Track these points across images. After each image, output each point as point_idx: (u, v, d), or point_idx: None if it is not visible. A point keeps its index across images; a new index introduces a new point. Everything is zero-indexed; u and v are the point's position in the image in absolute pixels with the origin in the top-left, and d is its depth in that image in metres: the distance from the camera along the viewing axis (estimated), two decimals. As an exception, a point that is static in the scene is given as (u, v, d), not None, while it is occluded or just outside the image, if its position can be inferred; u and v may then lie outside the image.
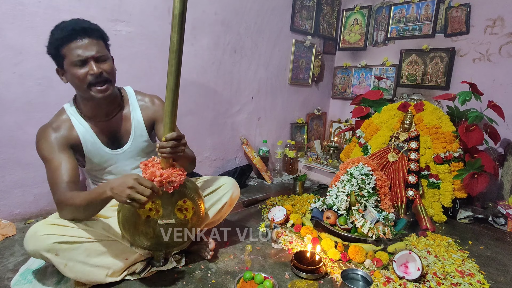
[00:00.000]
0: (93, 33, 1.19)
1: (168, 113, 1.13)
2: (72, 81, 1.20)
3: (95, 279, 1.19)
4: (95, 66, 1.17)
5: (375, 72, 3.10)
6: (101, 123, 1.32)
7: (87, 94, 1.21)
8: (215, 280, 1.33)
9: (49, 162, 1.19)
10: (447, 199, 2.09)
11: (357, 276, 1.35)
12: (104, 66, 1.20)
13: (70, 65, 1.16)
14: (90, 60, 1.16)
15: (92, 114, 1.30)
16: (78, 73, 1.16)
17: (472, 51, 2.49)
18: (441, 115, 2.23)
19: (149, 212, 1.21)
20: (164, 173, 1.13)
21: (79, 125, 1.29)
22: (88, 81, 1.18)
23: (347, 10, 3.28)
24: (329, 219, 1.74)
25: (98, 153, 1.32)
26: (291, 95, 3.08)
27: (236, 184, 1.50)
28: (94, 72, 1.17)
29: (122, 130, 1.36)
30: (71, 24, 1.16)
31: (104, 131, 1.33)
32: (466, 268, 1.54)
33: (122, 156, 1.37)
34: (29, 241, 1.10)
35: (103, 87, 1.20)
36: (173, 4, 1.04)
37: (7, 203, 1.70)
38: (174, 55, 1.08)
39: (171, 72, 1.10)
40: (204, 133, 2.48)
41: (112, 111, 1.34)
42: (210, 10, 2.29)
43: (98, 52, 1.18)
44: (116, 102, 1.35)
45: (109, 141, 1.34)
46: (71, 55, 1.15)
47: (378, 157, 2.25)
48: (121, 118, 1.36)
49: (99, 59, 1.19)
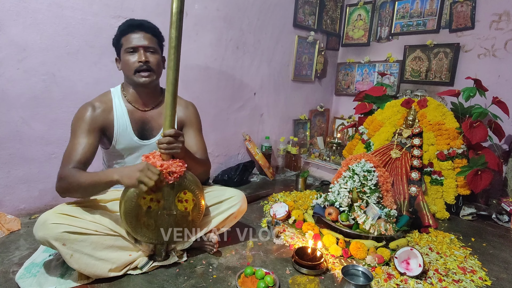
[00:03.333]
0: (149, 30, 1.36)
1: (169, 105, 1.20)
2: (124, 66, 1.36)
3: (98, 272, 1.21)
4: (144, 55, 1.32)
5: (378, 68, 3.08)
6: (138, 112, 1.42)
7: (132, 79, 1.35)
8: (217, 275, 1.34)
9: (74, 137, 1.29)
10: (450, 196, 2.09)
11: (358, 272, 1.35)
12: (151, 58, 1.35)
13: (124, 52, 1.34)
14: (140, 49, 1.33)
15: (133, 100, 1.42)
16: (129, 59, 1.33)
17: (477, 47, 2.46)
18: (444, 111, 2.21)
19: (150, 203, 1.24)
20: (164, 164, 1.19)
21: (119, 107, 1.39)
22: (135, 67, 1.33)
23: (351, 5, 3.25)
24: (331, 216, 1.74)
25: (125, 139, 1.40)
26: (294, 91, 3.08)
27: (245, 198, 1.55)
28: (142, 60, 1.32)
29: (155, 124, 1.45)
30: (133, 21, 1.36)
31: (138, 121, 1.42)
32: (468, 265, 1.53)
33: (147, 148, 1.43)
34: (39, 229, 1.14)
35: (146, 74, 1.34)
36: (171, 2, 1.11)
37: (12, 198, 1.73)
38: (173, 50, 1.16)
39: (170, 66, 1.18)
40: (207, 129, 2.48)
41: (151, 102, 1.45)
42: (212, 7, 2.29)
43: (149, 44, 1.34)
44: (155, 95, 1.46)
45: (140, 130, 1.42)
46: (127, 43, 1.33)
47: (380, 153, 2.24)
48: (157, 112, 1.46)
49: (148, 49, 1.34)
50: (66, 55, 1.75)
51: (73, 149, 1.26)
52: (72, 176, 1.19)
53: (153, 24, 1.39)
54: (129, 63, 1.33)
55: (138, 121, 1.42)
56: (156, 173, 1.14)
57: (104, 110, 1.35)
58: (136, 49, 1.33)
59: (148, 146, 1.43)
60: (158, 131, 1.45)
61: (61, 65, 1.74)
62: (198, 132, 1.54)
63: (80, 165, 1.24)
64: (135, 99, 1.42)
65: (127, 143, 1.41)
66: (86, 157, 1.27)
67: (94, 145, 1.31)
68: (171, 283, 1.27)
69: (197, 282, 1.29)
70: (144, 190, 1.13)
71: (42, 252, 1.39)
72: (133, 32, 1.33)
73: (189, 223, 1.34)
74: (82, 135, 1.29)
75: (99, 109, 1.35)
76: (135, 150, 1.44)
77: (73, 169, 1.21)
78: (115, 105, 1.39)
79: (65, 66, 1.75)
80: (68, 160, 1.24)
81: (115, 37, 1.38)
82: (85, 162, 1.27)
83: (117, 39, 1.37)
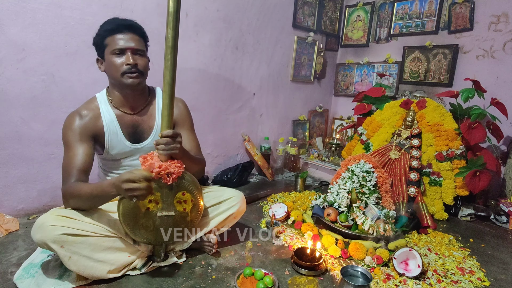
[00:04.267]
0: (136, 31, 1.32)
1: (166, 106, 1.20)
2: (109, 69, 1.31)
3: (97, 274, 1.20)
4: (132, 58, 1.28)
5: (377, 69, 3.08)
6: (127, 116, 1.39)
7: (119, 82, 1.30)
8: (216, 276, 1.34)
9: (68, 149, 1.27)
10: (448, 196, 2.09)
11: (357, 272, 1.35)
12: (139, 60, 1.31)
13: (110, 54, 1.28)
14: (128, 51, 1.28)
15: (120, 104, 1.38)
16: (116, 61, 1.27)
17: (475, 48, 2.47)
18: (443, 112, 2.21)
19: (148, 204, 1.23)
20: (162, 165, 1.18)
21: (107, 113, 1.35)
22: (123, 70, 1.28)
23: (350, 6, 3.26)
24: (330, 216, 1.74)
25: (118, 145, 1.37)
26: (293, 92, 3.08)
27: (244, 199, 1.54)
28: (130, 62, 1.27)
29: (145, 126, 1.43)
30: (120, 20, 1.30)
31: (128, 125, 1.39)
32: (467, 266, 1.53)
33: (141, 151, 1.41)
34: (37, 231, 1.13)
35: (134, 75, 1.30)
36: (168, 2, 1.10)
37: (11, 199, 1.72)
38: (170, 50, 1.15)
39: (167, 66, 1.17)
40: (206, 129, 2.48)
41: (139, 105, 1.42)
42: (212, 7, 2.29)
43: (137, 46, 1.30)
44: (143, 96, 1.43)
45: (131, 134, 1.40)
46: (113, 44, 1.27)
47: (379, 154, 2.25)
48: (146, 114, 1.43)
49: (136, 52, 1.30)
50: (64, 55, 1.74)
51: (70, 162, 1.24)
52: (74, 191, 1.18)
53: (139, 25, 1.35)
54: (116, 65, 1.27)
55: (128, 125, 1.39)
56: (139, 177, 1.07)
57: (92, 118, 1.32)
58: (124, 51, 1.27)
59: (140, 149, 1.41)
60: (149, 133, 1.43)
61: (60, 65, 1.74)
62: (191, 129, 1.52)
63: (81, 176, 1.23)
64: (122, 103, 1.38)
65: (120, 149, 1.38)
66: (84, 166, 1.25)
67: (89, 152, 1.29)
68: (170, 283, 1.27)
69: (196, 283, 1.28)
70: (139, 199, 1.11)
71: (40, 253, 1.38)
72: (121, 33, 1.27)
73: (188, 223, 1.34)
74: (75, 145, 1.26)
75: (87, 117, 1.31)
76: (129, 154, 1.41)
77: (74, 183, 1.20)
78: (103, 112, 1.35)
79: (64, 67, 1.75)
80: (68, 174, 1.23)
81: (99, 37, 1.30)
82: (85, 172, 1.26)
83: (101, 38, 1.29)
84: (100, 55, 1.33)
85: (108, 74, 1.34)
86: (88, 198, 1.17)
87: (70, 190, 1.19)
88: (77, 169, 1.23)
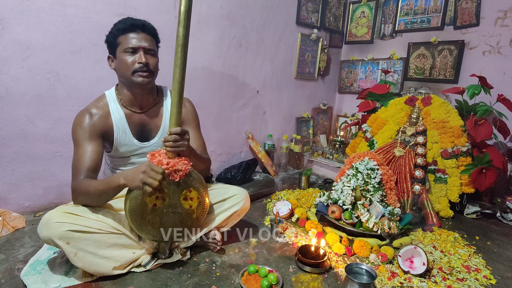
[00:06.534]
0: (149, 31, 1.34)
1: (175, 103, 1.21)
2: (120, 66, 1.33)
3: (102, 270, 1.22)
4: (144, 57, 1.30)
5: (382, 65, 3.06)
6: (135, 115, 1.41)
7: (129, 80, 1.32)
8: (220, 273, 1.34)
9: (78, 147, 1.29)
10: (454, 194, 2.07)
11: (361, 270, 1.34)
12: (150, 60, 1.33)
13: (122, 52, 1.30)
14: (140, 50, 1.31)
15: (129, 103, 1.40)
16: (127, 59, 1.30)
17: (482, 44, 2.44)
18: (449, 109, 2.19)
19: (155, 201, 1.24)
20: (170, 162, 1.19)
21: (116, 112, 1.38)
22: (134, 68, 1.30)
23: (354, 2, 3.23)
24: (334, 214, 1.74)
25: (126, 143, 1.40)
26: (296, 89, 3.07)
27: (248, 196, 1.55)
28: (142, 61, 1.30)
29: (153, 125, 1.45)
30: (133, 20, 1.32)
31: (136, 123, 1.42)
32: (472, 263, 1.52)
33: (148, 149, 1.43)
34: (43, 228, 1.14)
35: (145, 74, 1.32)
36: (180, 1, 1.12)
37: (17, 196, 1.74)
38: (180, 48, 1.17)
39: (177, 64, 1.18)
40: (210, 127, 2.48)
41: (147, 104, 1.44)
42: (215, 4, 2.28)
43: (149, 46, 1.32)
44: (152, 95, 1.45)
45: (138, 133, 1.42)
46: (126, 43, 1.29)
47: (384, 151, 2.24)
48: (154, 113, 1.45)
49: (148, 51, 1.32)
50: (69, 53, 1.75)
51: (79, 159, 1.26)
52: (83, 188, 1.20)
53: (152, 25, 1.38)
54: (127, 63, 1.30)
55: (137, 124, 1.42)
56: (159, 172, 1.12)
57: (101, 116, 1.34)
58: (136, 50, 1.30)
59: (148, 147, 1.44)
60: (156, 132, 1.46)
61: (65, 63, 1.75)
62: (197, 128, 1.54)
63: (90, 173, 1.25)
64: (131, 102, 1.40)
65: (128, 147, 1.41)
66: (94, 164, 1.27)
67: (99, 150, 1.31)
68: (174, 280, 1.27)
69: (200, 280, 1.29)
70: (149, 191, 1.12)
71: (47, 250, 1.40)
72: (134, 32, 1.30)
73: (194, 221, 1.34)
74: (85, 143, 1.28)
75: (97, 115, 1.33)
76: (137, 152, 1.44)
77: (83, 180, 1.22)
78: (112, 110, 1.37)
79: (68, 65, 1.76)
80: (77, 171, 1.25)
81: (111, 35, 1.33)
82: (94, 169, 1.27)
83: (114, 37, 1.32)
84: (112, 53, 1.35)
85: (118, 72, 1.36)
86: (96, 193, 1.19)
87: (79, 186, 1.21)
88: (86, 166, 1.25)
